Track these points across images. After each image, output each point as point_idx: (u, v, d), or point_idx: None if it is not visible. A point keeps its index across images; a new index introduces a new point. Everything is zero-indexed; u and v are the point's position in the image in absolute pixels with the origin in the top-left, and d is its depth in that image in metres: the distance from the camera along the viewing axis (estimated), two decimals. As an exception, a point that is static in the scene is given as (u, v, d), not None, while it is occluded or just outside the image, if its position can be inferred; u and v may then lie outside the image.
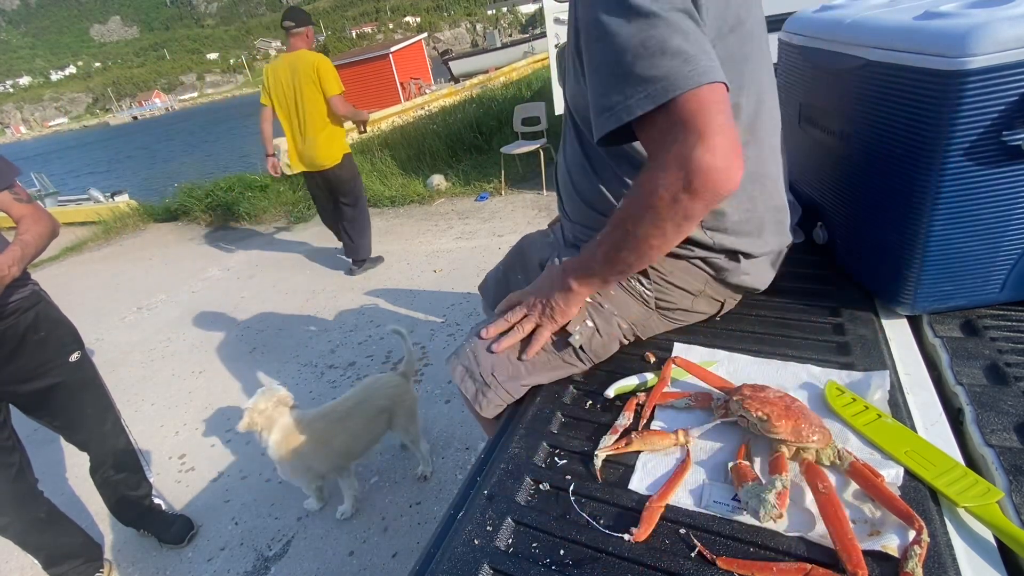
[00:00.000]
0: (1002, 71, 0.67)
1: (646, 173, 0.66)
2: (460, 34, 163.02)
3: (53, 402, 1.60)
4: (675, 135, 0.61)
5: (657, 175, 0.63)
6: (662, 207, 0.64)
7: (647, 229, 0.68)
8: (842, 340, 0.86)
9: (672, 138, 0.61)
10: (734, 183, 0.61)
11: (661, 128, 0.63)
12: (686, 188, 0.61)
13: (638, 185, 0.67)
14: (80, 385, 1.67)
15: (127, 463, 1.85)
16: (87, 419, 1.71)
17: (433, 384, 2.53)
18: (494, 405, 0.90)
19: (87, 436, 1.72)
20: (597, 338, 0.89)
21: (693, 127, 0.60)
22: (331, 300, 3.69)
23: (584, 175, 0.91)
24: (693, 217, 0.65)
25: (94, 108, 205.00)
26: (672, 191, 0.62)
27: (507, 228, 4.34)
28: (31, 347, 1.51)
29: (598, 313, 0.89)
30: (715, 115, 0.60)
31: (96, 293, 4.87)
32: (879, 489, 0.57)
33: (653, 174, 0.64)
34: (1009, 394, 0.72)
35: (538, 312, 0.87)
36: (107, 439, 1.77)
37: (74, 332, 1.66)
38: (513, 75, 10.67)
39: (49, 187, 11.36)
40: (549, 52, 4.31)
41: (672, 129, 0.62)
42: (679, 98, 0.60)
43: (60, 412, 1.64)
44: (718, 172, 0.59)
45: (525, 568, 0.60)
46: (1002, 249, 0.79)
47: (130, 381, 3.18)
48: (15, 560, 2.00)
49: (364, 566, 1.72)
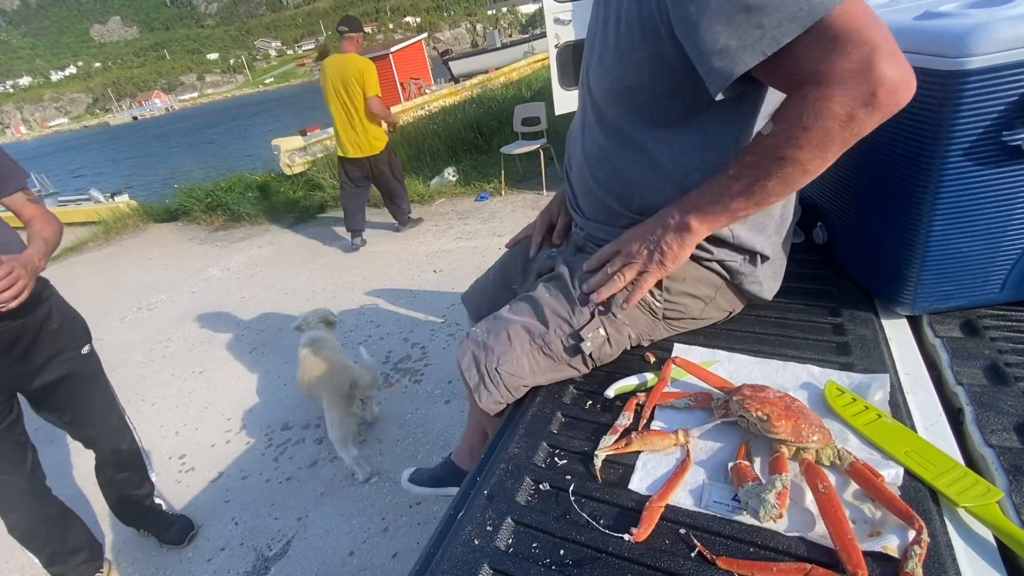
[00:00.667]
0: (1002, 71, 0.67)
1: (809, 95, 0.61)
2: (460, 34, 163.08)
3: (64, 394, 1.61)
4: (841, 51, 0.58)
5: (830, 92, 0.59)
6: (834, 126, 0.61)
7: (810, 152, 0.64)
8: (842, 340, 0.86)
9: (838, 55, 0.58)
10: (912, 93, 0.59)
11: (814, 52, 0.60)
12: (867, 103, 0.58)
13: (797, 109, 0.63)
14: (91, 378, 1.68)
15: (131, 461, 1.85)
16: (96, 413, 1.71)
17: (433, 384, 2.53)
18: (493, 401, 0.90)
19: (95, 431, 1.73)
20: (607, 348, 0.89)
21: (862, 40, 0.57)
22: (331, 300, 3.69)
23: (609, 165, 0.88)
24: (862, 134, 0.62)
25: (94, 108, 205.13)
26: (849, 107, 0.59)
27: (507, 228, 4.34)
28: (47, 338, 1.52)
29: (611, 323, 0.88)
30: (880, 25, 0.58)
31: (96, 293, 4.87)
32: (879, 489, 0.57)
33: (823, 92, 0.60)
34: (1009, 394, 0.72)
35: (643, 258, 0.81)
36: (114, 435, 1.78)
37: (84, 325, 1.68)
38: (513, 75, 10.66)
39: (49, 187, 11.36)
40: (549, 52, 4.30)
41: (835, 47, 0.58)
42: (832, 14, 0.58)
43: (70, 405, 1.64)
44: (903, 83, 0.58)
45: (525, 568, 0.60)
46: (1002, 249, 0.79)
47: (130, 381, 3.18)
48: (15, 560, 2.00)
49: (364, 566, 1.72)
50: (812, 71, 0.61)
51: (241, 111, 50.53)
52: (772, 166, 0.67)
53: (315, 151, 6.91)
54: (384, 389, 2.58)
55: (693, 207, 0.76)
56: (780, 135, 0.65)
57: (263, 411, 2.63)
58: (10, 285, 1.24)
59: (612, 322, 0.88)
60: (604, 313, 0.88)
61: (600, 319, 0.88)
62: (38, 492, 1.58)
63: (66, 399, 1.62)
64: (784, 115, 0.65)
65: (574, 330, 0.88)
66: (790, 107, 0.64)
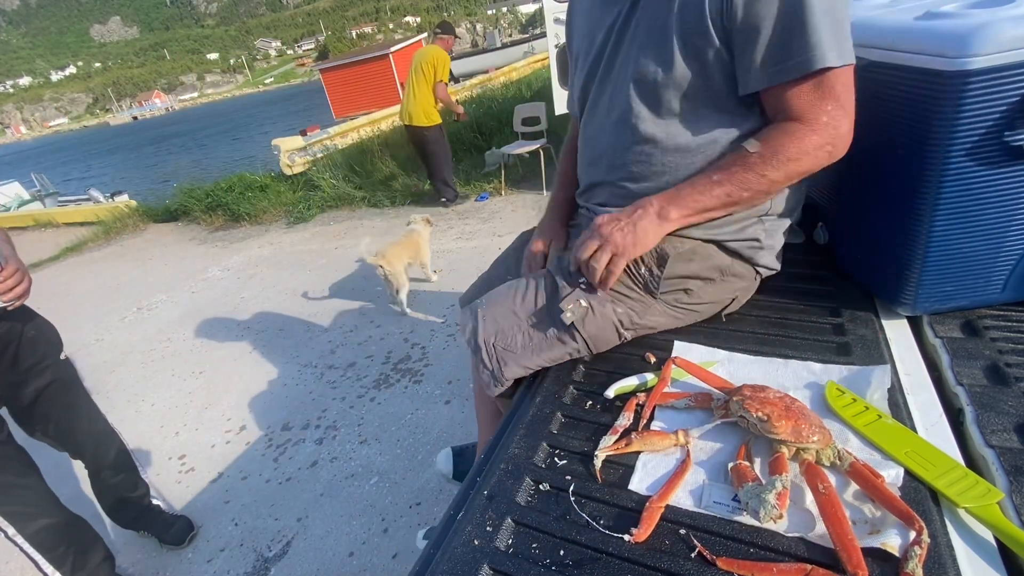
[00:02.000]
0: (1003, 71, 0.67)
1: (798, 129, 0.76)
2: (460, 34, 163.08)
3: (49, 403, 1.59)
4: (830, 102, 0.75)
5: (810, 135, 0.76)
6: (805, 161, 0.77)
7: (784, 178, 0.79)
8: (842, 340, 0.86)
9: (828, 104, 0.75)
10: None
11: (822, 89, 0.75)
12: (831, 152, 0.77)
13: (785, 137, 0.77)
14: (72, 383, 1.67)
15: (124, 464, 1.85)
16: (82, 418, 1.70)
17: (433, 384, 2.53)
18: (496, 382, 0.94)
19: (83, 437, 1.71)
20: (591, 318, 0.89)
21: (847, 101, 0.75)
22: (331, 300, 3.69)
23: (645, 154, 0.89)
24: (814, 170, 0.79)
25: (94, 108, 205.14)
26: (819, 151, 0.76)
27: (507, 228, 4.34)
28: (27, 346, 1.51)
29: (591, 295, 0.90)
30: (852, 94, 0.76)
31: (96, 293, 4.87)
32: (879, 490, 0.57)
33: (806, 132, 0.76)
34: (1009, 395, 0.71)
35: (615, 241, 0.85)
36: (103, 439, 1.77)
37: (56, 331, 1.66)
38: (513, 75, 10.67)
39: (49, 187, 11.36)
40: (549, 52, 4.30)
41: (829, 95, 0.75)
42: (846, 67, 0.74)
43: (57, 413, 1.62)
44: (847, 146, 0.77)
45: (525, 568, 0.59)
46: (1003, 249, 0.79)
47: (130, 381, 3.18)
48: (15, 561, 1.99)
49: (364, 567, 1.72)
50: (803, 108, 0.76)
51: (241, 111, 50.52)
52: (752, 181, 0.79)
53: (315, 151, 6.91)
54: (384, 389, 2.59)
55: (674, 200, 0.84)
56: (767, 157, 0.78)
57: (263, 411, 2.63)
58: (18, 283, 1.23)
59: (592, 295, 0.90)
60: (587, 291, 0.90)
61: (580, 290, 0.90)
62: (53, 497, 1.55)
63: (52, 408, 1.60)
64: (771, 142, 0.78)
65: (556, 303, 0.91)
66: (779, 135, 0.78)
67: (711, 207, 0.83)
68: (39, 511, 1.49)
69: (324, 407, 2.55)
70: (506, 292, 0.98)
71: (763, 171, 0.78)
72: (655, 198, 0.85)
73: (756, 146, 0.79)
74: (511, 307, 0.94)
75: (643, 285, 0.91)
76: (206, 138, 28.91)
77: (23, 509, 1.46)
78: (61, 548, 1.56)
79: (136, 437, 1.87)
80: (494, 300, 0.97)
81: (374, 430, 2.31)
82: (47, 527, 1.50)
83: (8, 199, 10.68)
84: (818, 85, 0.74)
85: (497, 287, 1.01)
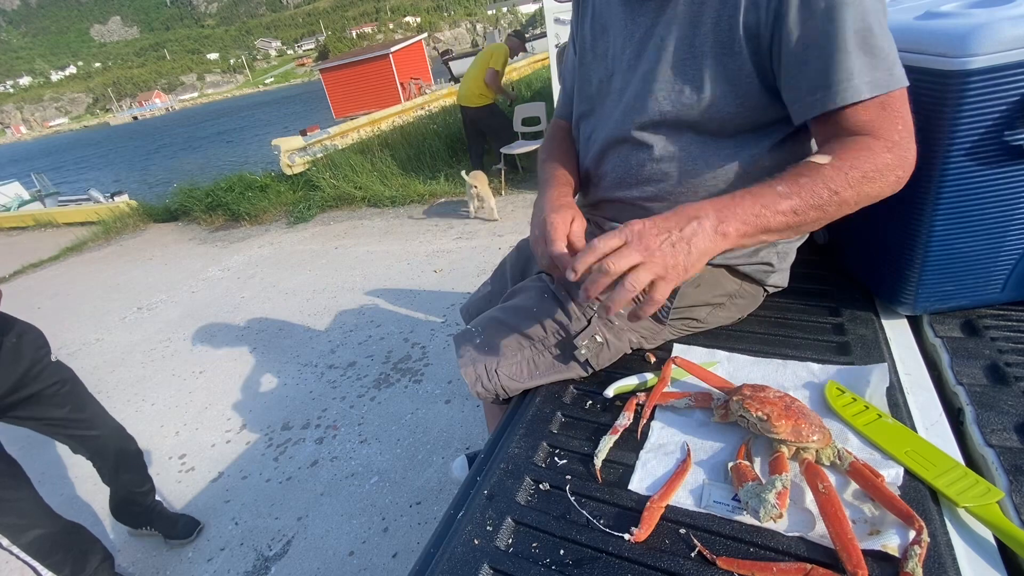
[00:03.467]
0: (1004, 71, 0.67)
1: (873, 144, 0.68)
2: (460, 34, 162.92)
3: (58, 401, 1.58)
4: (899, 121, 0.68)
5: (884, 152, 0.67)
6: (878, 182, 0.68)
7: (852, 195, 0.68)
8: (842, 340, 0.86)
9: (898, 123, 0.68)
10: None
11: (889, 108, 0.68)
12: (899, 179, 0.69)
13: (861, 151, 0.68)
14: (74, 380, 1.66)
15: (136, 459, 1.84)
16: (96, 415, 1.70)
17: (433, 384, 2.53)
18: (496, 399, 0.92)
19: (99, 431, 1.70)
20: (605, 351, 0.88)
21: (911, 123, 0.68)
22: (331, 300, 3.69)
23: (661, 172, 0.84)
24: (880, 198, 0.70)
25: (94, 108, 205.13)
26: (891, 174, 0.68)
27: (507, 228, 4.35)
28: (10, 353, 1.48)
29: (609, 329, 0.87)
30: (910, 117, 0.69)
31: (96, 293, 4.87)
32: (879, 489, 0.57)
33: (881, 148, 0.68)
34: (1009, 394, 0.71)
35: (661, 260, 0.64)
36: (121, 434, 1.77)
37: (42, 334, 1.63)
38: (513, 75, 10.66)
39: (49, 187, 11.38)
40: (549, 52, 4.30)
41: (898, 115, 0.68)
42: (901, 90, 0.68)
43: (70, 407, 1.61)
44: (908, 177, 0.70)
45: (525, 568, 0.59)
46: (1004, 249, 0.79)
47: (130, 381, 3.18)
48: (15, 560, 1.99)
49: (364, 566, 1.72)
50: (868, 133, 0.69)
51: (242, 111, 50.53)
52: (823, 197, 0.68)
53: (315, 151, 6.91)
54: (384, 389, 2.59)
55: (733, 214, 0.66)
56: (844, 170, 0.67)
57: (263, 411, 2.63)
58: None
59: (611, 328, 0.87)
60: (603, 318, 0.86)
61: (597, 324, 0.86)
62: (45, 507, 1.55)
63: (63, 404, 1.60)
64: (845, 155, 0.68)
65: (569, 337, 0.86)
66: (853, 148, 0.68)
67: (773, 227, 0.67)
68: (31, 522, 1.49)
69: (324, 407, 2.55)
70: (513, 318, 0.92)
71: (836, 186, 0.66)
72: (708, 207, 0.67)
73: (826, 158, 0.67)
74: (517, 340, 0.90)
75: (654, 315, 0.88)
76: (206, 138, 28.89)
77: (16, 521, 1.46)
78: (59, 554, 1.56)
79: (136, 437, 1.86)
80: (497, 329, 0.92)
81: (374, 429, 2.32)
82: (41, 536, 1.50)
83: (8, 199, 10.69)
84: (884, 104, 0.67)
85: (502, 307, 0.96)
